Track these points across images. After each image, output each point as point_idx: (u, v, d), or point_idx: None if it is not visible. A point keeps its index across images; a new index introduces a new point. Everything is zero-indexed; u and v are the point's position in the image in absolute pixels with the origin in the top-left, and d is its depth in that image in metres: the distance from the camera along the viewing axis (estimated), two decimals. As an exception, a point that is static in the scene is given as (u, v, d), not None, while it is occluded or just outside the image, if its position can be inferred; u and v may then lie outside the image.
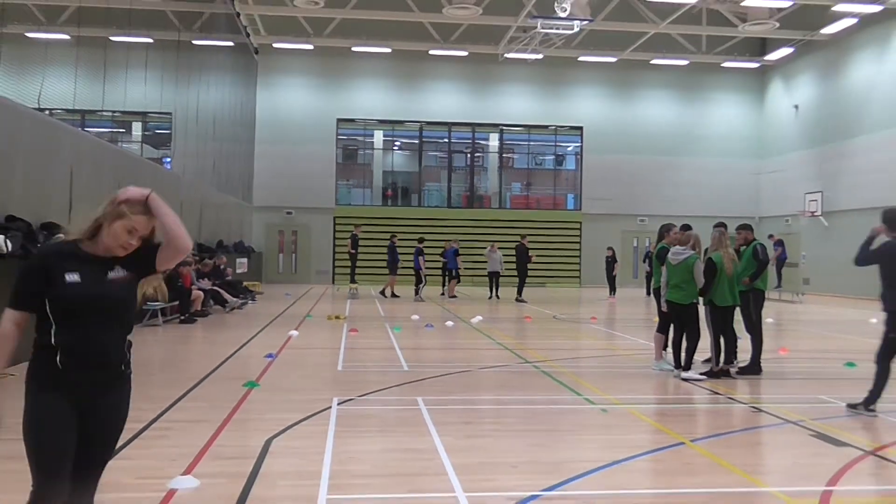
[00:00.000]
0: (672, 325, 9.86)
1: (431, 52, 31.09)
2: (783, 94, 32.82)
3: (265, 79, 32.27)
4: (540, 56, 30.51)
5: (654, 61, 32.23)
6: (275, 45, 30.77)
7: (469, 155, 35.04)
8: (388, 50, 31.03)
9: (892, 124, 25.66)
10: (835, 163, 28.71)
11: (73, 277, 3.03)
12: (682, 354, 9.49)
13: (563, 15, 24.37)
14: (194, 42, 22.99)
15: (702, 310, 9.63)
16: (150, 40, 20.24)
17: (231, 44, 27.60)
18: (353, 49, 30.93)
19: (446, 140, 34.42)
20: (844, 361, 10.74)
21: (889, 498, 4.90)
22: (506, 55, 30.67)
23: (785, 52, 30.69)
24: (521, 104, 33.55)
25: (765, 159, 33.81)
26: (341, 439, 6.07)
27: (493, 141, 34.95)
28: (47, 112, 13.51)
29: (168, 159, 27.47)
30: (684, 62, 32.32)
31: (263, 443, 5.88)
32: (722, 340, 9.49)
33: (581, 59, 31.88)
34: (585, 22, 25.83)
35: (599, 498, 4.75)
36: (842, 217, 27.99)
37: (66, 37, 18.05)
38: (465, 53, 31.16)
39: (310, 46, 30.53)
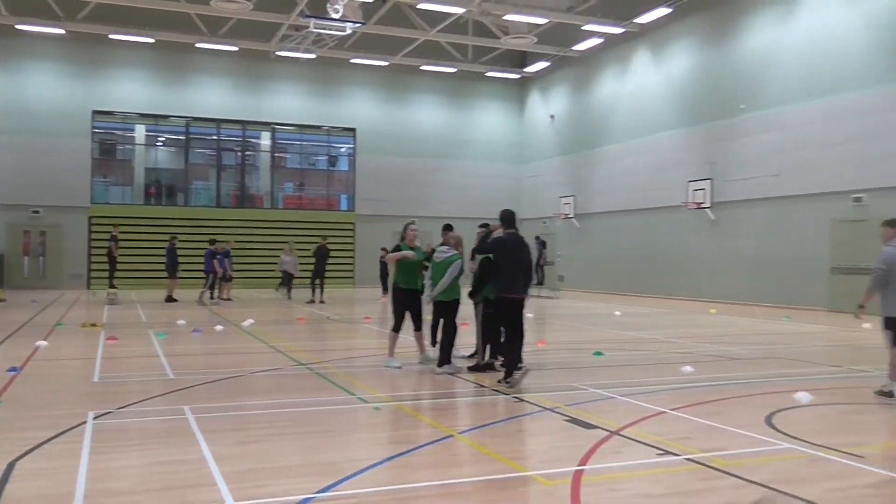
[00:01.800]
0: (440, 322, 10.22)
1: (198, 45, 29.77)
2: (540, 105, 35.26)
3: (7, 63, 29.19)
4: (313, 56, 30.34)
5: (423, 67, 33.29)
6: (18, 27, 27.82)
7: (240, 153, 34.02)
8: (151, 40, 29.30)
9: (632, 136, 28.50)
10: (585, 169, 31.34)
11: None
12: (440, 349, 9.87)
13: (335, 16, 24.40)
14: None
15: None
16: None
17: (-36, 22, 24.65)
18: (111, 37, 28.84)
19: (215, 137, 33.14)
20: (593, 351, 11.76)
21: (630, 472, 5.44)
22: (278, 53, 30.15)
23: (542, 65, 33.13)
24: (294, 103, 33.15)
25: (525, 164, 36.11)
26: (98, 456, 5.65)
27: (265, 140, 34.19)
28: None
29: None
30: (452, 70, 33.67)
31: (5, 466, 5.32)
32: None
33: (354, 61, 32.13)
34: (358, 25, 26.06)
35: (372, 495, 4.82)
36: (591, 219, 30.66)
37: None
38: (235, 48, 30.20)
39: (61, 31, 28.00)
